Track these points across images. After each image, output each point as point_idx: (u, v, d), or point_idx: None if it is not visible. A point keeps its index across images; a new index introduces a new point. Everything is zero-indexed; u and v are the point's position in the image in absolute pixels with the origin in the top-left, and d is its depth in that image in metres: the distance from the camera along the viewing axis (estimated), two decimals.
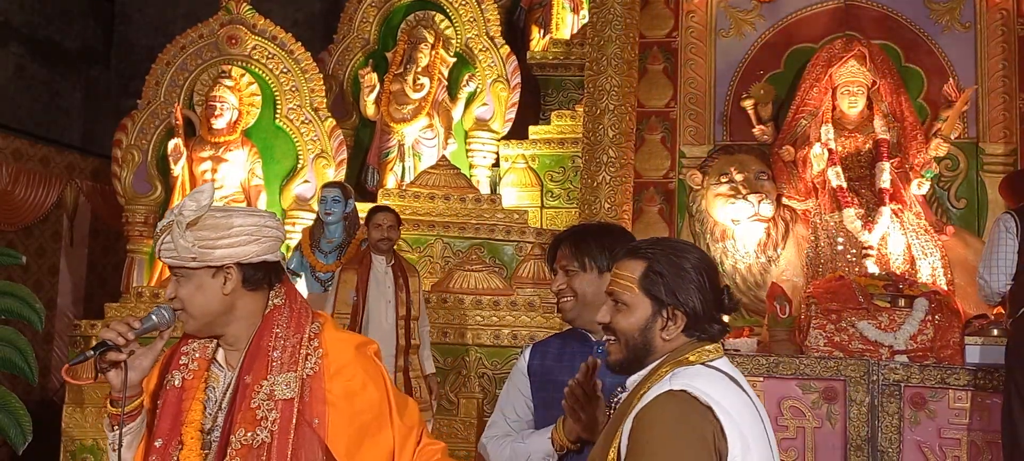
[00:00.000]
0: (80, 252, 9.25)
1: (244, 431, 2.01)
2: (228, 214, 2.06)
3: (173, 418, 2.06)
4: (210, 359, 2.13)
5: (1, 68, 9.86)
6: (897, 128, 6.18)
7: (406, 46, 8.44)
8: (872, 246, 5.89)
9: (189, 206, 2.02)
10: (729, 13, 6.87)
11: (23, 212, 8.55)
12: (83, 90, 11.18)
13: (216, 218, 2.03)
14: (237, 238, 2.03)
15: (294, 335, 2.10)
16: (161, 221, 2.08)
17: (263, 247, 2.08)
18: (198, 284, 2.04)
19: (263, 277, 2.11)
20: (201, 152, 7.65)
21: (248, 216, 2.09)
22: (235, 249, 2.04)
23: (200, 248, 2.01)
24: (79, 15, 11.08)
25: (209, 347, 2.14)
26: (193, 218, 2.01)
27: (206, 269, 2.03)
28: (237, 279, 2.06)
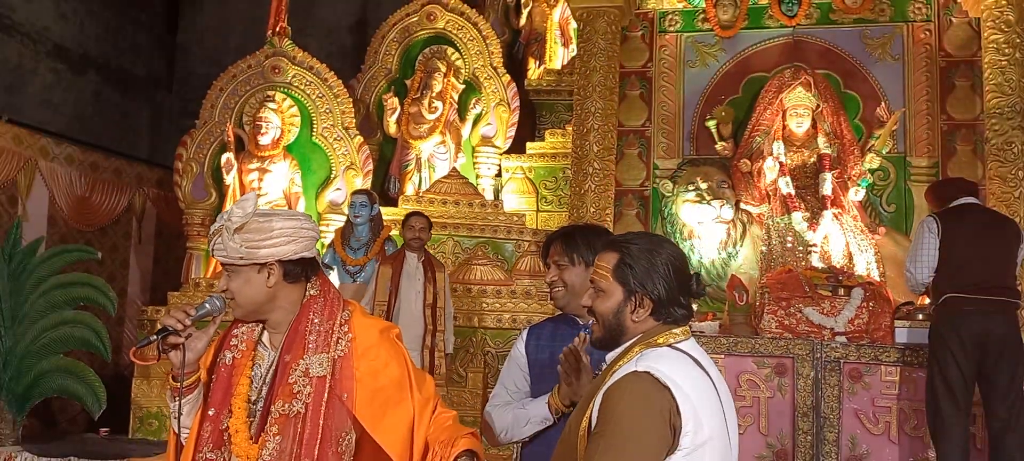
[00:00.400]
0: (147, 249, 9.25)
1: (283, 403, 2.01)
2: (269, 218, 2.04)
3: (224, 391, 2.07)
4: (256, 341, 2.13)
5: (80, 93, 9.86)
6: (837, 144, 6.17)
7: (423, 74, 8.44)
8: (816, 244, 5.88)
9: (236, 213, 2.01)
10: (695, 47, 6.86)
11: (99, 215, 8.55)
12: (150, 111, 11.17)
13: (259, 222, 2.02)
14: (278, 239, 2.02)
15: (327, 321, 2.09)
16: (214, 225, 2.07)
17: (300, 246, 2.06)
18: (246, 278, 2.04)
19: (301, 271, 2.09)
20: (249, 164, 7.64)
21: (287, 219, 2.07)
22: (277, 248, 2.02)
23: (247, 248, 2.00)
24: (147, 48, 11.08)
25: (256, 330, 2.13)
26: (240, 224, 2.00)
27: (252, 266, 2.03)
28: (279, 274, 2.05)
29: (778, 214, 6.09)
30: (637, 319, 1.88)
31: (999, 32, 5.83)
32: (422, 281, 5.68)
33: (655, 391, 1.70)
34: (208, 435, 2.04)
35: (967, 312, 4.41)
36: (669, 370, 1.74)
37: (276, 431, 2.00)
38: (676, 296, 1.88)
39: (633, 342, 1.87)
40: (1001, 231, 4.61)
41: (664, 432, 1.68)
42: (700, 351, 1.89)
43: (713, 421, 1.75)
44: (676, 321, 1.88)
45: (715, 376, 1.85)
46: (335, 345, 2.07)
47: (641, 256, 1.89)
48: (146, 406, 6.62)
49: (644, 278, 1.87)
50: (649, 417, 1.68)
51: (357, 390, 2.05)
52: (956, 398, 4.39)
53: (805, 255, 5.88)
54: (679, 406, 1.70)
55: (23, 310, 5.93)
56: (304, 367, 2.04)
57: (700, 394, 1.76)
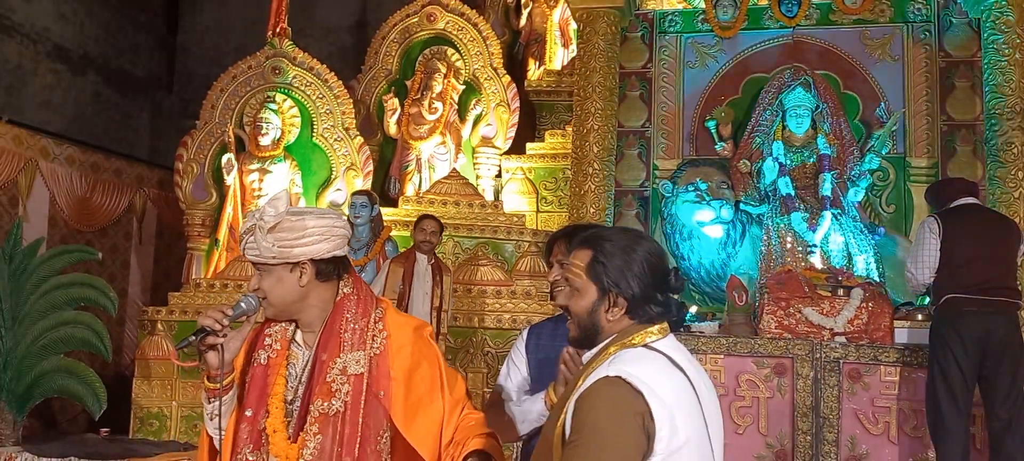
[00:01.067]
0: (148, 249, 9.25)
1: (322, 401, 2.00)
2: (302, 217, 2.02)
3: (260, 391, 2.05)
4: (290, 340, 2.11)
5: (81, 93, 9.86)
6: (837, 145, 6.18)
7: (423, 75, 8.44)
8: (816, 244, 5.88)
9: (269, 212, 2.00)
10: (695, 48, 6.86)
11: (99, 215, 8.55)
12: (150, 112, 11.18)
13: (292, 221, 2.00)
14: (311, 238, 2.01)
15: (362, 319, 2.08)
16: (245, 223, 2.05)
17: (333, 244, 2.05)
18: (278, 277, 2.02)
19: (333, 270, 2.08)
20: (249, 165, 7.65)
21: (320, 218, 2.05)
22: (309, 248, 2.01)
23: (279, 248, 1.99)
24: (147, 48, 11.09)
25: (289, 329, 2.12)
26: (273, 223, 1.99)
27: (285, 265, 2.01)
28: (311, 273, 2.03)
29: (778, 215, 6.09)
30: (612, 318, 1.82)
31: (999, 32, 5.83)
32: (431, 283, 5.69)
33: (628, 396, 1.65)
34: (247, 436, 2.03)
35: (968, 313, 4.41)
36: (643, 373, 1.69)
37: (316, 430, 1.99)
38: (652, 294, 1.81)
39: (609, 342, 1.82)
40: (1002, 231, 4.61)
41: (638, 438, 1.63)
42: (679, 349, 1.83)
43: (690, 424, 1.70)
44: (651, 319, 1.82)
45: (695, 375, 1.80)
46: (371, 343, 2.07)
47: (615, 253, 1.82)
48: (146, 406, 6.62)
49: (618, 276, 1.81)
50: (622, 423, 1.63)
51: (392, 388, 2.04)
52: (956, 398, 4.39)
53: (805, 255, 5.89)
54: (652, 411, 1.64)
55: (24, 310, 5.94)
56: (341, 365, 2.03)
57: (676, 396, 1.70)
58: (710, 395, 1.83)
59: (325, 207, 7.79)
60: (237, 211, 7.60)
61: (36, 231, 7.40)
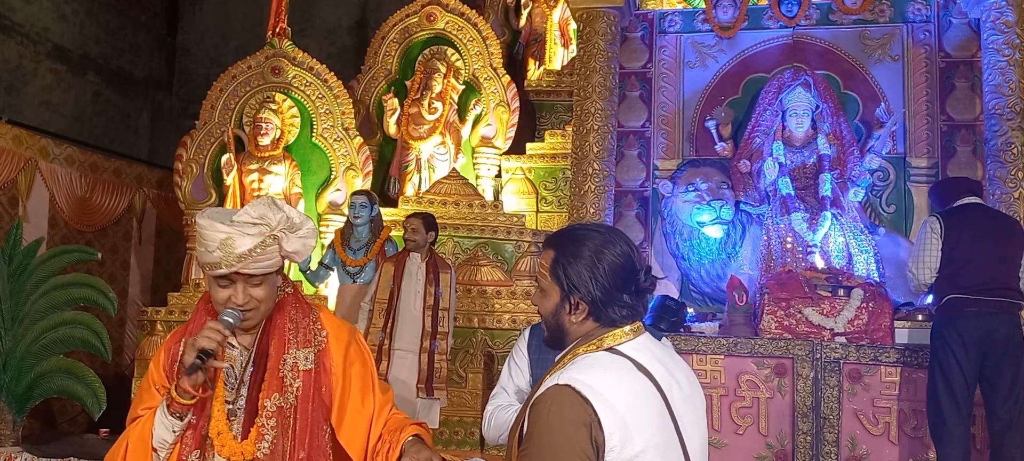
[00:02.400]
0: (147, 250, 9.24)
1: (277, 395, 2.03)
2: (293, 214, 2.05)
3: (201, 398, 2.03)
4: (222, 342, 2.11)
5: (80, 93, 9.86)
6: (837, 145, 6.17)
7: (422, 75, 8.43)
8: (816, 244, 5.88)
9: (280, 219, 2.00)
10: (695, 47, 6.86)
11: (99, 215, 8.54)
12: (150, 112, 11.17)
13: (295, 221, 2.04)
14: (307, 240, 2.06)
15: (304, 318, 2.12)
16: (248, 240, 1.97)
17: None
18: (271, 284, 2.05)
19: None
20: (249, 165, 7.63)
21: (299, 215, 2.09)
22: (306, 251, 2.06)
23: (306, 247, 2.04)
24: (147, 49, 11.08)
25: None
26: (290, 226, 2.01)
27: (277, 273, 2.06)
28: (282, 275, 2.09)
29: (778, 215, 6.09)
30: (576, 320, 1.76)
31: (999, 32, 5.83)
32: (423, 282, 5.65)
33: (575, 404, 1.60)
34: (191, 443, 2.02)
35: (970, 313, 4.41)
36: (593, 380, 1.63)
37: (273, 425, 2.00)
38: (615, 296, 1.73)
39: (575, 345, 1.77)
40: (1004, 232, 4.61)
41: (585, 447, 1.58)
42: (648, 351, 1.75)
43: (649, 432, 1.63)
44: (614, 323, 1.75)
45: (666, 379, 1.72)
46: (315, 340, 2.10)
47: (577, 255, 1.75)
48: None
49: (577, 279, 1.74)
50: (568, 433, 1.58)
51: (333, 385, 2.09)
52: (957, 399, 4.39)
53: (805, 256, 5.88)
54: (601, 419, 1.59)
55: (23, 311, 5.93)
56: (291, 362, 2.06)
57: (632, 403, 1.63)
58: (687, 400, 1.75)
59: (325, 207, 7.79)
60: None
61: (36, 231, 7.39)
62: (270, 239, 1.99)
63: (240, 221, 1.98)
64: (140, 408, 2.10)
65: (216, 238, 1.96)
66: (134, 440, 2.04)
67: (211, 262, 1.98)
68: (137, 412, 2.10)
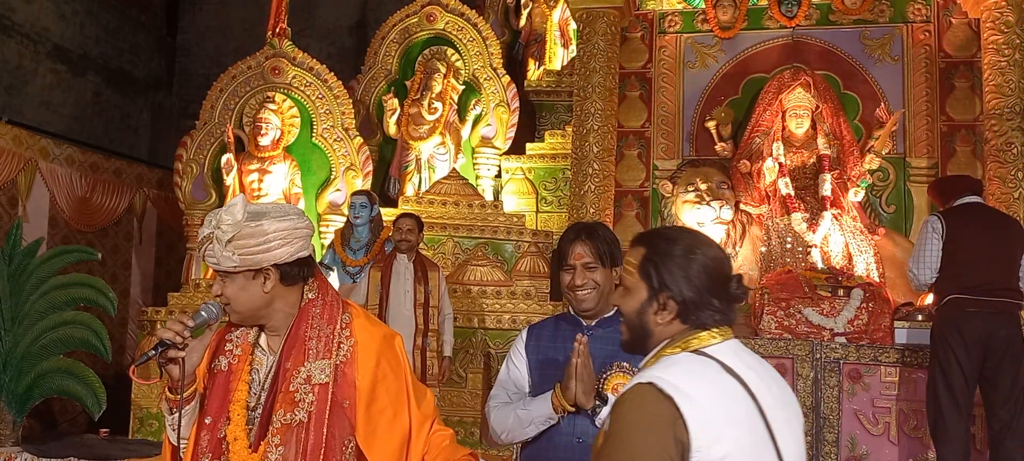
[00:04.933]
0: (148, 250, 9.23)
1: (284, 412, 1.93)
2: (260, 220, 1.93)
3: (221, 398, 1.99)
4: (253, 344, 2.05)
5: (80, 93, 9.86)
6: (837, 145, 6.17)
7: (422, 75, 8.42)
8: (816, 245, 5.88)
9: (226, 221, 1.93)
10: (695, 48, 6.86)
11: (100, 215, 8.53)
12: (150, 112, 11.17)
13: (251, 228, 1.92)
14: (273, 243, 1.93)
15: (328, 325, 2.01)
16: (202, 230, 1.97)
17: (296, 247, 1.97)
18: (241, 285, 1.95)
19: (298, 272, 2.00)
20: (249, 165, 7.63)
21: (280, 220, 1.96)
22: (272, 253, 1.93)
23: (240, 256, 1.91)
24: (147, 49, 11.08)
25: (250, 333, 2.05)
26: (231, 235, 1.91)
27: (247, 272, 1.94)
28: (276, 278, 1.96)
29: (778, 215, 6.09)
30: (662, 321, 1.70)
31: (999, 33, 5.83)
32: (412, 281, 5.66)
33: (658, 403, 1.54)
34: (206, 445, 1.96)
35: (970, 313, 4.40)
36: (680, 379, 1.57)
37: (278, 442, 1.92)
38: (707, 299, 1.68)
39: (661, 346, 1.70)
40: (1005, 232, 4.61)
41: (667, 448, 1.52)
42: (741, 356, 1.69)
43: (737, 434, 1.57)
44: (704, 325, 1.68)
45: (758, 385, 1.65)
46: (337, 350, 1.99)
47: (669, 253, 1.70)
48: (146, 407, 6.61)
49: (669, 277, 1.68)
50: (650, 431, 1.53)
51: (356, 398, 1.97)
52: (957, 399, 4.39)
53: (805, 256, 5.88)
54: (685, 418, 1.53)
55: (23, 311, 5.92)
56: (305, 374, 1.96)
57: (722, 405, 1.57)
58: (782, 408, 1.68)
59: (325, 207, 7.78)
60: None
61: (36, 231, 7.38)
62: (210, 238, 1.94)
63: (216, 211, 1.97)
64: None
65: None
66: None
67: None
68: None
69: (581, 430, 2.38)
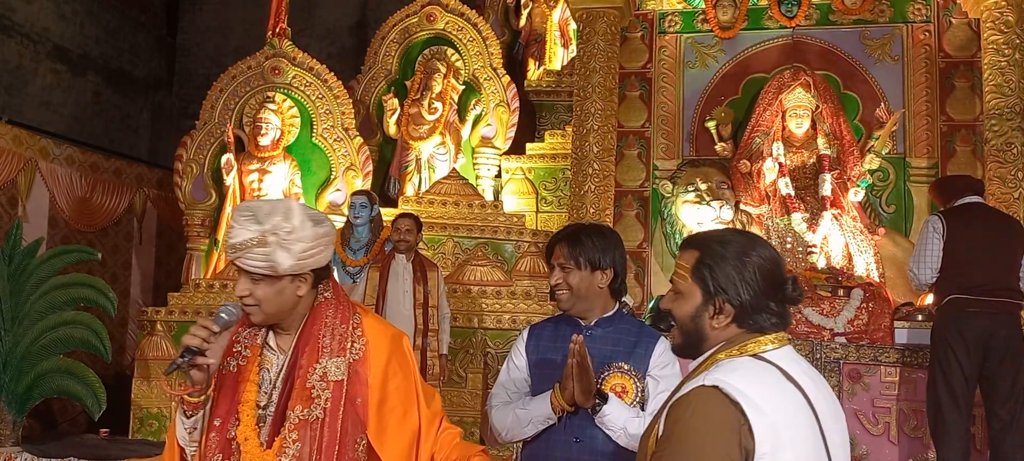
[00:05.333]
0: (148, 249, 9.24)
1: (301, 407, 1.94)
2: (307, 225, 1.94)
3: (230, 399, 1.98)
4: (262, 345, 2.04)
5: (80, 93, 9.86)
6: (837, 145, 6.17)
7: (422, 75, 8.43)
8: (816, 245, 5.88)
9: (284, 226, 1.90)
10: (695, 48, 6.86)
11: (100, 215, 8.54)
12: (150, 112, 11.17)
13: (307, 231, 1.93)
14: (319, 247, 1.95)
15: (341, 325, 2.02)
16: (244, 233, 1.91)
17: (330, 251, 2.01)
18: (279, 289, 1.94)
19: (324, 275, 2.04)
20: (249, 165, 7.63)
21: (321, 225, 1.97)
22: (316, 257, 1.95)
23: (297, 260, 1.92)
24: (147, 49, 11.09)
25: (259, 334, 2.05)
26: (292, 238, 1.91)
27: (288, 276, 1.94)
28: (310, 281, 1.98)
29: (778, 215, 6.09)
30: (718, 325, 1.65)
31: (999, 33, 5.83)
32: (411, 281, 5.66)
33: (722, 407, 1.49)
34: (215, 446, 1.96)
35: (970, 313, 4.40)
36: (743, 384, 1.52)
37: (295, 438, 1.93)
38: (763, 302, 1.63)
39: (715, 350, 1.66)
40: (1006, 232, 4.61)
41: (731, 453, 1.47)
42: (798, 363, 1.65)
43: (801, 444, 1.53)
44: (762, 329, 1.64)
45: (815, 393, 1.61)
46: (350, 349, 2.01)
47: (724, 256, 1.66)
48: (146, 407, 6.61)
49: (726, 281, 1.64)
50: (714, 436, 1.48)
51: (368, 396, 1.99)
52: (957, 399, 4.39)
53: (805, 256, 5.88)
54: (751, 424, 1.47)
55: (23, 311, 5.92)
56: (321, 371, 1.97)
57: (784, 412, 1.53)
58: (834, 417, 1.64)
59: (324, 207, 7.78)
60: None
61: (36, 231, 7.38)
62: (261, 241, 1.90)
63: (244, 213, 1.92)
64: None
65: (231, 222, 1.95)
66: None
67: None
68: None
69: (579, 430, 2.38)
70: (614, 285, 2.53)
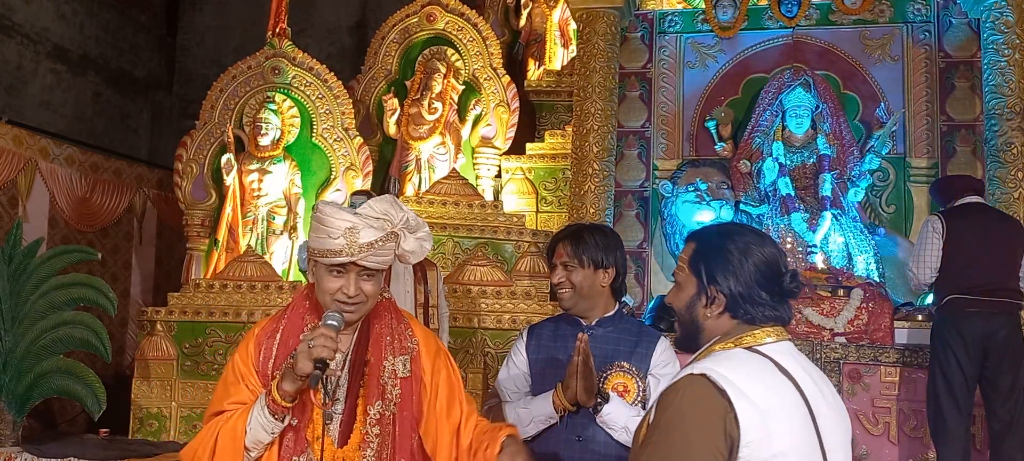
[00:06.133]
0: (148, 250, 9.22)
1: (379, 403, 2.01)
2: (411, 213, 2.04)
3: (301, 400, 1.99)
4: None
5: (80, 93, 9.85)
6: (837, 145, 6.17)
7: (422, 75, 8.42)
8: (816, 245, 5.88)
9: (397, 217, 1.99)
10: (695, 48, 6.86)
11: (100, 216, 8.53)
12: (150, 112, 11.17)
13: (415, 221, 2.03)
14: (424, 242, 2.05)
15: (399, 324, 2.11)
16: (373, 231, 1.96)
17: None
18: (378, 282, 2.02)
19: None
20: (249, 165, 7.63)
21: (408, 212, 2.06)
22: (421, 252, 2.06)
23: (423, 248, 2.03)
24: (147, 48, 11.08)
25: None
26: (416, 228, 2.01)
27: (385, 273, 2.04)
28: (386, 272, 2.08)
29: (778, 215, 6.09)
30: (711, 315, 1.68)
31: (998, 33, 5.83)
32: (412, 281, 5.65)
33: (710, 396, 1.51)
34: (293, 445, 1.98)
35: (970, 314, 4.40)
36: (733, 373, 1.54)
37: (378, 432, 1.99)
38: (757, 293, 1.65)
39: (712, 342, 1.68)
40: (1006, 232, 4.61)
41: (716, 441, 1.49)
42: (794, 357, 1.66)
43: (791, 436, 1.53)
44: (755, 321, 1.66)
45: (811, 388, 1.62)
46: (410, 347, 2.09)
47: (718, 247, 1.68)
48: (146, 407, 6.60)
49: (718, 271, 1.66)
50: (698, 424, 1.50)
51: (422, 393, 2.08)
52: (957, 399, 4.39)
53: (805, 256, 5.88)
54: (738, 413, 1.49)
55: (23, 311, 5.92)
56: (391, 368, 2.04)
57: (773, 403, 1.53)
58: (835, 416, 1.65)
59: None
60: (236, 212, 7.58)
61: (36, 231, 7.38)
62: (392, 235, 1.97)
63: (365, 214, 1.96)
64: (227, 403, 2.00)
65: (341, 226, 1.93)
66: (225, 437, 1.95)
67: (331, 249, 1.94)
68: (222, 407, 2.00)
69: (581, 429, 2.39)
70: (615, 284, 2.53)
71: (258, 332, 2.08)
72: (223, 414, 1.99)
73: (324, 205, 1.99)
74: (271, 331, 2.07)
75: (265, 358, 2.03)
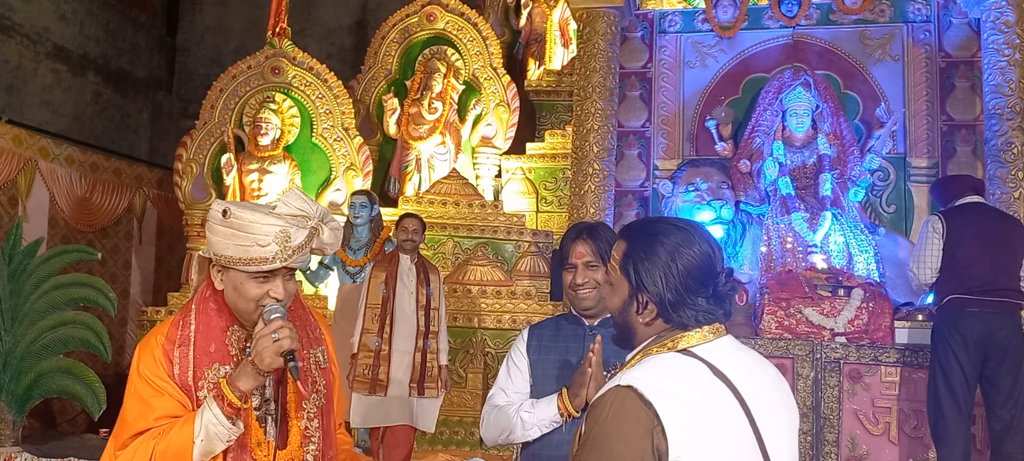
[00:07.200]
0: (148, 250, 9.23)
1: (316, 396, 1.97)
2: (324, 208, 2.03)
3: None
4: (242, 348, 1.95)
5: (80, 94, 9.85)
6: (837, 145, 6.17)
7: (423, 75, 8.42)
8: (816, 244, 5.87)
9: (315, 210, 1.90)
10: (695, 47, 6.85)
11: (99, 216, 8.53)
12: (150, 112, 11.17)
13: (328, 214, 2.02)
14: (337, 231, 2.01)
15: (308, 316, 2.08)
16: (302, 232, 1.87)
17: None
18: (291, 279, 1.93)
19: None
20: (249, 165, 7.63)
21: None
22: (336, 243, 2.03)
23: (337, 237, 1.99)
24: (146, 49, 11.09)
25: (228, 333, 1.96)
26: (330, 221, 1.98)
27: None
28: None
29: (778, 215, 6.08)
30: (644, 320, 1.62)
31: (999, 32, 5.82)
32: (414, 282, 5.63)
33: (635, 407, 1.46)
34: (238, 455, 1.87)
35: (970, 313, 4.40)
36: (659, 382, 1.50)
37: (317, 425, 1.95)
38: (688, 299, 1.58)
39: (648, 344, 1.63)
40: (1006, 232, 4.60)
41: (644, 454, 1.45)
42: (731, 354, 1.60)
43: (723, 442, 1.50)
44: (686, 326, 1.59)
45: (750, 389, 1.56)
46: (320, 337, 2.08)
47: (648, 250, 1.61)
48: None
49: (648, 278, 1.59)
50: (625, 439, 1.46)
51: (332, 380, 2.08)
52: (958, 399, 4.39)
53: (805, 256, 5.88)
54: (664, 424, 1.45)
55: (23, 311, 5.92)
56: (314, 359, 2.02)
57: (705, 411, 1.50)
58: (773, 411, 1.59)
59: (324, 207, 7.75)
60: None
61: (36, 231, 7.38)
62: (313, 231, 1.88)
63: (286, 214, 1.86)
64: (152, 419, 1.84)
65: (270, 231, 1.82)
66: (165, 454, 1.80)
67: (260, 257, 1.82)
68: (148, 424, 1.85)
69: None
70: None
71: (164, 342, 1.91)
72: (150, 431, 1.84)
73: (238, 210, 1.84)
74: (179, 339, 1.91)
75: (182, 368, 1.88)
